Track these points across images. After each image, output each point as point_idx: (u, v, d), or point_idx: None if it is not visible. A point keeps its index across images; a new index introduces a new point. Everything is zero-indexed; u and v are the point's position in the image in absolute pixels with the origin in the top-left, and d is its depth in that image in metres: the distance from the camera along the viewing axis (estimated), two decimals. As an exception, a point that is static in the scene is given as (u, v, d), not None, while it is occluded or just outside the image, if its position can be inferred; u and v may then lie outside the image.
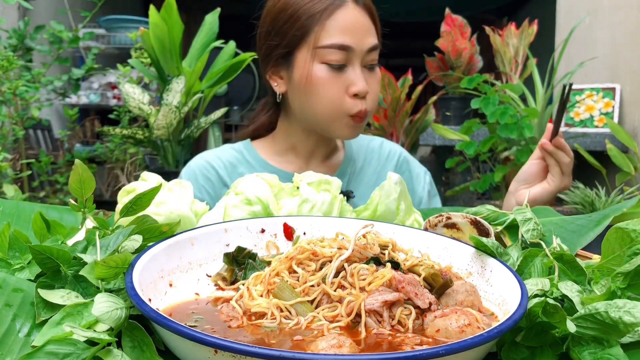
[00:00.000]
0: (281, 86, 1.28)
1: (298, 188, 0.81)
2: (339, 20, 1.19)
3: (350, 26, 1.19)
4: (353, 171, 1.36)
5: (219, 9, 2.57)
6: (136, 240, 0.62)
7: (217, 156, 1.34)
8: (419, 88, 2.75)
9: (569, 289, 0.55)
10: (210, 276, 0.64)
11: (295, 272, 0.58)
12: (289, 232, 0.72)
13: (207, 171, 1.32)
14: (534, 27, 2.58)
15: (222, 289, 0.62)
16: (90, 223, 0.68)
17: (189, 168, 1.34)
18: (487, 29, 2.69)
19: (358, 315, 0.52)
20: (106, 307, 0.47)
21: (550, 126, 1.25)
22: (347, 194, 1.28)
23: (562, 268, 0.61)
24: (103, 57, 4.01)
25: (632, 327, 0.46)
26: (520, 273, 0.63)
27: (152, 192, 0.66)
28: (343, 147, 1.42)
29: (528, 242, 0.72)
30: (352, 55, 1.20)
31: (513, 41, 2.62)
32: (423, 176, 1.43)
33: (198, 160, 1.34)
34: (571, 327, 0.47)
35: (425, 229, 0.75)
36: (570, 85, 1.27)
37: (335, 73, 1.20)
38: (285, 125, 1.34)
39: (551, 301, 0.48)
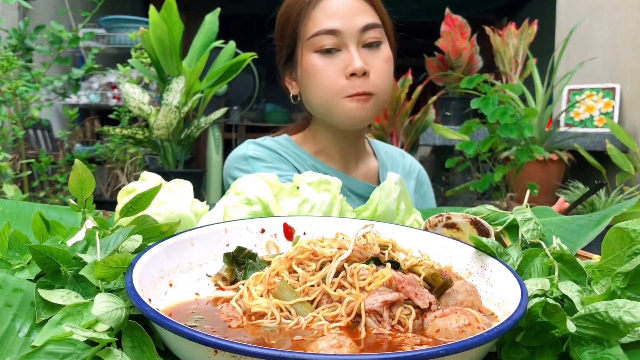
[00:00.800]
0: (295, 88, 1.29)
1: (298, 188, 0.81)
2: (324, 8, 1.20)
3: (336, 10, 1.19)
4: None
5: (219, 9, 2.57)
6: (136, 240, 0.62)
7: (265, 143, 1.33)
8: (419, 88, 2.75)
9: (569, 289, 0.55)
10: (210, 276, 0.64)
11: (295, 272, 0.58)
12: (289, 232, 0.72)
13: (270, 151, 1.30)
14: (534, 27, 2.58)
15: (222, 289, 0.62)
16: (90, 223, 0.68)
17: (250, 148, 1.30)
18: (487, 29, 2.69)
19: (358, 315, 0.52)
20: (106, 307, 0.47)
21: (562, 200, 1.29)
22: None
23: (562, 268, 0.61)
24: (103, 57, 4.01)
25: (632, 327, 0.46)
26: (520, 273, 0.63)
27: (152, 192, 0.66)
28: (373, 153, 1.42)
29: (528, 242, 0.72)
30: (343, 38, 1.19)
31: (513, 41, 2.62)
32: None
33: (253, 145, 1.32)
34: (571, 327, 0.47)
35: (425, 229, 0.75)
36: (604, 184, 1.34)
37: (329, 58, 1.19)
38: (313, 127, 1.35)
39: (551, 301, 0.48)
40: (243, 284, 0.60)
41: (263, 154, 1.29)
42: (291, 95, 1.30)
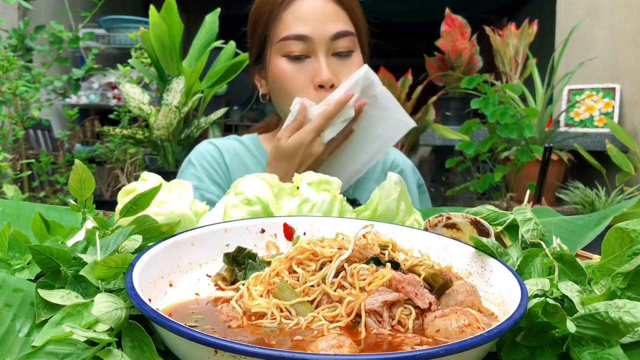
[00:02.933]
0: (264, 87, 1.28)
1: (298, 188, 0.81)
2: (295, 12, 1.16)
3: (308, 15, 1.15)
4: (358, 178, 1.33)
5: (219, 9, 2.57)
6: (136, 240, 0.62)
7: (223, 143, 1.33)
8: (419, 88, 2.75)
9: (569, 289, 0.55)
10: (210, 276, 0.64)
11: (295, 272, 0.58)
12: (289, 232, 0.72)
13: (215, 154, 1.30)
14: (534, 27, 2.58)
15: (222, 289, 0.62)
16: (90, 223, 0.68)
17: (197, 150, 1.32)
18: (487, 29, 2.69)
19: (358, 315, 0.52)
20: (106, 307, 0.47)
21: None
22: (352, 202, 1.27)
23: (562, 268, 0.61)
24: (103, 57, 4.01)
25: (632, 327, 0.46)
26: (520, 273, 0.63)
27: (152, 192, 0.66)
28: None
29: (528, 242, 0.72)
30: (313, 45, 1.15)
31: (513, 41, 2.62)
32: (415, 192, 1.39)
33: (206, 145, 1.33)
34: (571, 327, 0.47)
35: (425, 229, 0.75)
36: (551, 147, 1.33)
37: (297, 65, 1.16)
38: (280, 125, 1.33)
39: (551, 301, 0.48)
40: (243, 284, 0.60)
41: (201, 160, 1.29)
42: (260, 93, 1.28)
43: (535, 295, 0.55)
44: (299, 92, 1.16)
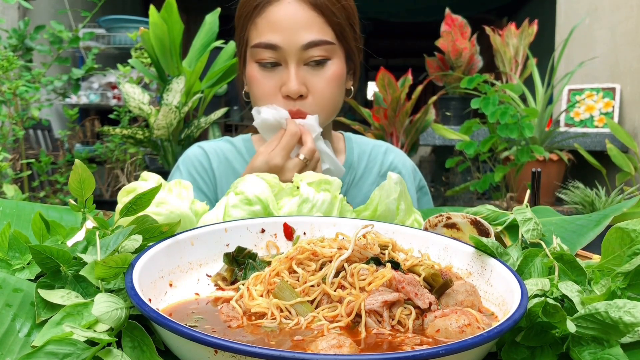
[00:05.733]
0: (247, 86, 1.28)
1: (298, 188, 0.81)
2: (268, 18, 1.14)
3: (280, 23, 1.13)
4: (352, 179, 1.31)
5: (219, 9, 2.57)
6: (136, 240, 0.62)
7: (213, 147, 1.32)
8: (419, 88, 2.75)
9: (569, 289, 0.55)
10: (210, 276, 0.64)
11: (295, 272, 0.58)
12: (289, 232, 0.72)
13: (203, 160, 1.29)
14: (534, 27, 2.59)
15: (222, 289, 0.62)
16: (90, 223, 0.68)
17: (185, 155, 1.32)
18: (487, 29, 2.69)
19: (358, 315, 0.52)
20: (106, 307, 0.47)
21: None
22: None
23: (562, 268, 0.61)
24: (103, 57, 4.02)
25: (632, 327, 0.46)
26: (520, 273, 0.63)
27: (152, 192, 0.66)
28: (344, 151, 1.35)
29: (528, 242, 0.72)
30: (283, 54, 1.13)
31: (513, 41, 2.62)
32: (414, 193, 1.35)
33: (195, 150, 1.32)
34: (571, 327, 0.47)
35: (425, 229, 0.75)
36: (539, 172, 1.36)
37: (268, 72, 1.15)
38: None
39: (551, 301, 0.48)
40: (243, 284, 0.60)
41: (189, 166, 1.29)
42: (244, 91, 1.28)
43: (535, 295, 0.55)
44: (267, 99, 1.16)
